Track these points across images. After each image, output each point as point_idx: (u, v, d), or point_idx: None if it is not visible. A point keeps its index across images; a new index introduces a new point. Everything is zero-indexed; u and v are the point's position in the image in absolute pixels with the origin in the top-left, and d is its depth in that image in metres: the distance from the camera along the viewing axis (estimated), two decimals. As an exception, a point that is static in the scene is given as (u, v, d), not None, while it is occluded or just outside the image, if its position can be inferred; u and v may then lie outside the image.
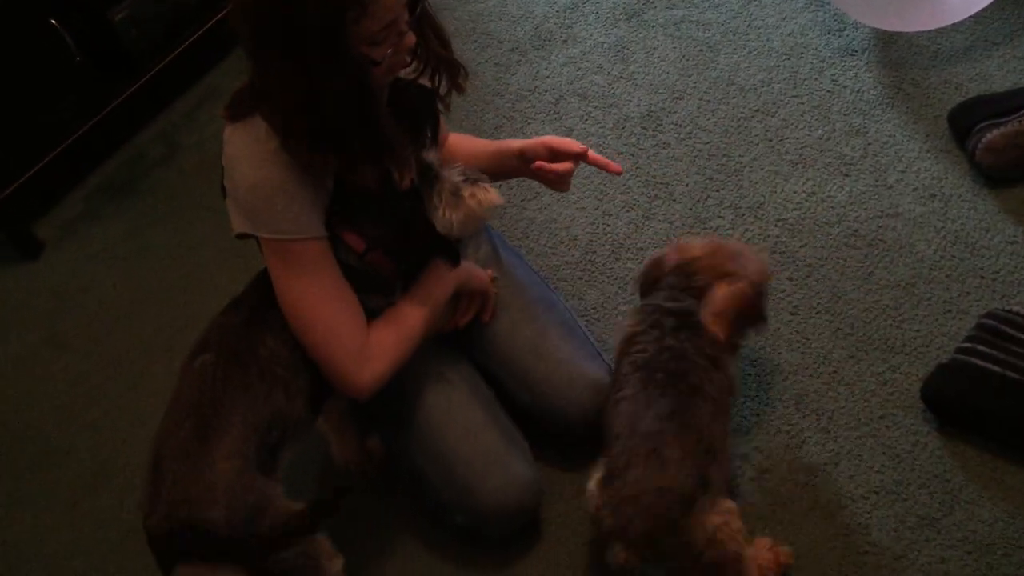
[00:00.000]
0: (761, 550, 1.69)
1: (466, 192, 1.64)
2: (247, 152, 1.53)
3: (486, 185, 1.67)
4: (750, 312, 1.74)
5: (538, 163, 1.81)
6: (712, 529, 1.53)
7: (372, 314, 1.69)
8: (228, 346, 1.60)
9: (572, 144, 1.81)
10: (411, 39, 1.52)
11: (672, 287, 1.74)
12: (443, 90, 1.71)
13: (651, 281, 1.79)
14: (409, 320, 1.71)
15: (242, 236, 1.61)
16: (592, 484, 1.60)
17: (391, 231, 1.65)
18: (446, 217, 1.65)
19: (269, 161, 1.51)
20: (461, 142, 1.95)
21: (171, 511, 1.46)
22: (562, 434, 1.86)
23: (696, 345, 1.66)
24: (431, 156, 1.66)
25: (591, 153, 1.82)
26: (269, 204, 1.54)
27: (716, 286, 1.70)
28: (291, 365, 1.62)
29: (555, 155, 1.83)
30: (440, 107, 1.75)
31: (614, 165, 1.82)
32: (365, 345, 1.64)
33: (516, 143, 1.87)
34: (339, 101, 1.45)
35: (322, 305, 1.60)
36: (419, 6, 1.53)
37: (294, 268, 1.59)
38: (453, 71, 1.69)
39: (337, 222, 1.62)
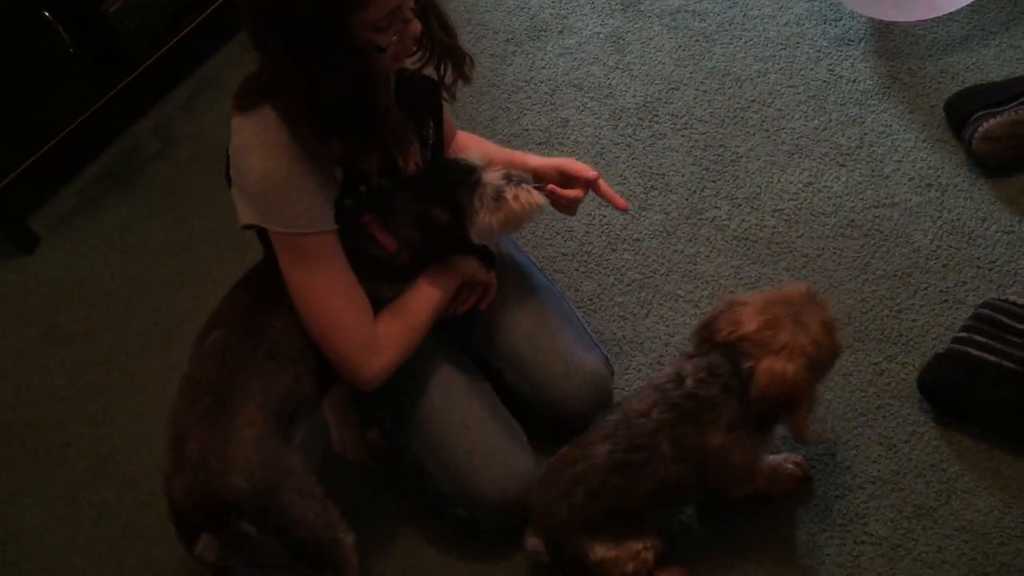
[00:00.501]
0: None
1: (509, 194, 1.64)
2: (256, 143, 1.53)
3: (528, 187, 1.68)
4: (792, 399, 1.54)
5: (551, 186, 1.79)
6: (597, 559, 1.65)
7: (385, 302, 1.71)
8: (239, 325, 1.62)
9: (585, 170, 1.81)
10: (416, 26, 1.51)
11: (714, 370, 1.58)
12: (448, 79, 1.70)
13: (704, 343, 1.63)
14: (416, 312, 1.72)
15: (248, 227, 1.60)
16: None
17: (423, 236, 1.66)
18: (486, 221, 1.66)
19: (279, 153, 1.51)
20: (472, 143, 1.93)
21: (196, 478, 1.48)
22: (560, 425, 1.86)
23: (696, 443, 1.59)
24: (474, 158, 1.67)
25: (602, 183, 1.82)
26: (278, 197, 1.54)
27: (761, 363, 1.52)
28: (298, 347, 1.63)
29: (567, 180, 1.82)
30: (445, 96, 1.74)
31: (621, 201, 1.82)
32: (372, 337, 1.66)
33: (531, 160, 1.86)
34: (341, 87, 1.45)
35: (330, 298, 1.61)
36: None
37: (303, 261, 1.59)
38: (458, 60, 1.69)
39: (369, 220, 1.64)
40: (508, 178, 1.67)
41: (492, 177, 1.67)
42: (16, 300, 2.54)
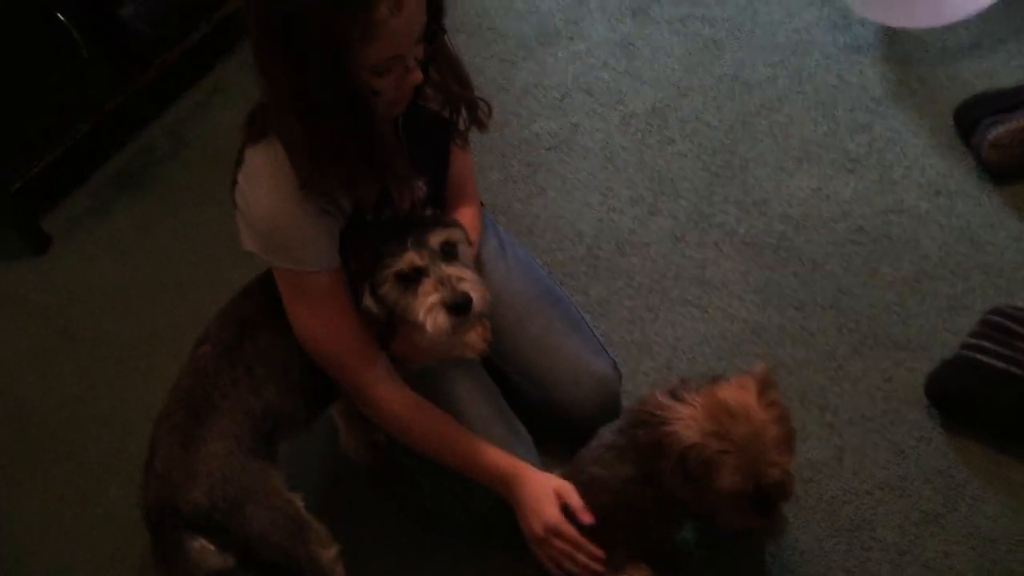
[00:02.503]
0: None
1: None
2: (264, 179, 1.53)
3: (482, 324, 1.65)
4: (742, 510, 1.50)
5: None
6: None
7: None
8: (224, 339, 1.63)
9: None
10: (417, 76, 1.48)
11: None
12: (463, 126, 1.69)
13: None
14: (455, 444, 1.68)
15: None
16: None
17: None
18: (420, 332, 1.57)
19: (286, 193, 1.51)
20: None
21: (159, 490, 1.50)
22: (568, 428, 1.87)
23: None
24: (433, 244, 1.57)
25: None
26: (283, 236, 1.54)
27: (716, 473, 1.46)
28: (282, 364, 1.63)
29: None
30: (458, 142, 1.73)
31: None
32: (372, 372, 1.65)
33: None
34: (337, 122, 1.44)
35: (329, 335, 1.62)
36: (435, 43, 1.50)
37: (303, 297, 1.60)
38: (472, 109, 1.67)
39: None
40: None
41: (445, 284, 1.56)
42: (28, 300, 2.55)
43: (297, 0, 1.34)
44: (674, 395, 1.54)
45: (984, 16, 2.42)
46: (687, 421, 1.47)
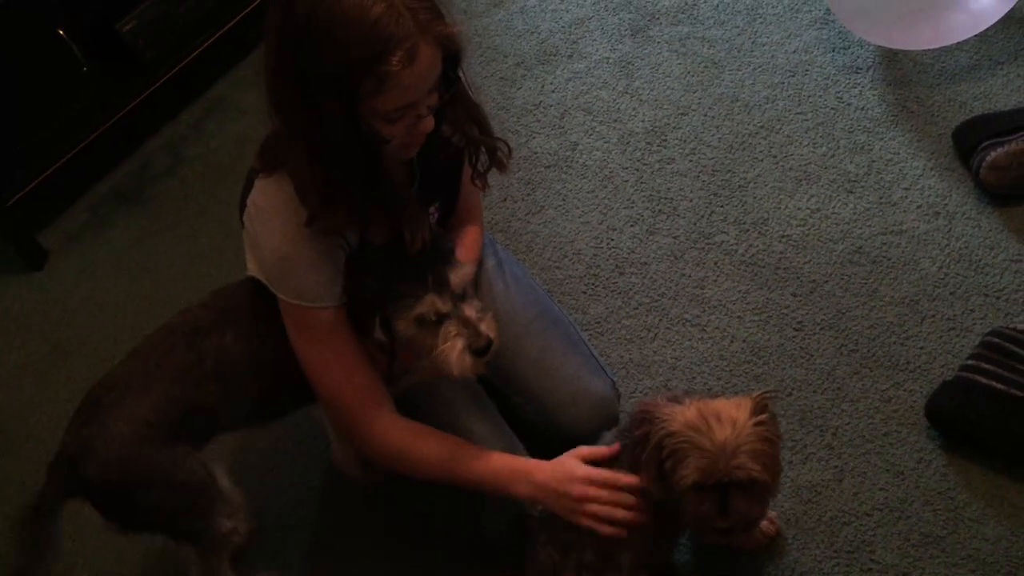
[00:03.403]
0: None
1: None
2: (276, 212, 1.53)
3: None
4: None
5: None
6: None
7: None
8: (189, 326, 1.65)
9: None
10: (429, 123, 1.48)
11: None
12: (482, 167, 1.69)
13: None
14: (439, 452, 1.66)
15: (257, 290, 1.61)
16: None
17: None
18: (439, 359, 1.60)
19: (295, 230, 1.51)
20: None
21: (62, 456, 1.59)
22: (568, 449, 1.86)
23: None
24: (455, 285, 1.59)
25: None
26: (289, 270, 1.55)
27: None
28: (237, 365, 1.65)
29: None
30: (477, 183, 1.72)
31: None
32: (373, 411, 1.64)
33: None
34: (347, 162, 1.44)
35: (331, 370, 1.62)
36: (451, 90, 1.50)
37: (307, 331, 1.60)
38: (492, 152, 1.67)
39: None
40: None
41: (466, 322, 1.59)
42: (24, 314, 2.55)
43: (311, 50, 1.35)
44: (674, 399, 1.55)
45: (982, 38, 2.43)
46: (675, 415, 1.49)
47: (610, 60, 2.68)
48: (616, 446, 1.62)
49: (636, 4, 2.79)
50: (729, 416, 1.47)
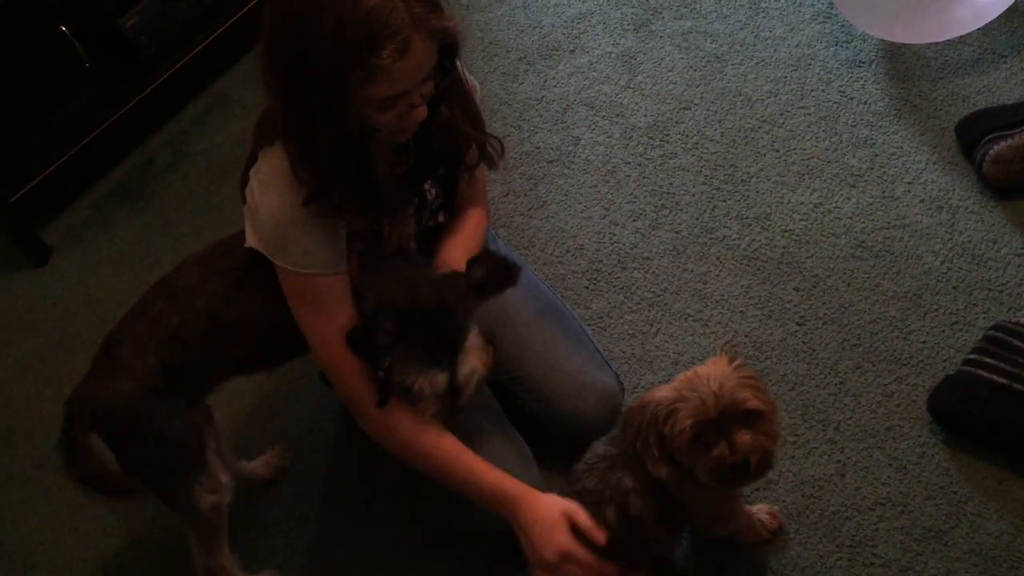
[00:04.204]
0: None
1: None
2: (274, 180, 1.53)
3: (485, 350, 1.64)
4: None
5: None
6: None
7: None
8: (181, 284, 1.71)
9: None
10: (421, 112, 1.49)
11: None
12: (472, 161, 1.68)
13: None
14: (439, 451, 1.66)
15: (252, 251, 1.61)
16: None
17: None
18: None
19: (293, 196, 1.51)
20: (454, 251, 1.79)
21: (80, 391, 1.67)
22: (570, 442, 1.86)
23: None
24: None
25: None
26: (287, 237, 1.55)
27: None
28: (225, 328, 1.67)
29: None
30: (464, 175, 1.72)
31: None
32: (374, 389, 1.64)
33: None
34: (332, 149, 1.44)
35: (330, 341, 1.61)
36: (446, 80, 1.50)
37: (308, 300, 1.60)
38: (482, 147, 1.67)
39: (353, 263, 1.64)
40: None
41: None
42: (28, 311, 2.55)
43: (304, 39, 1.35)
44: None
45: (985, 32, 2.43)
46: (660, 389, 1.51)
47: (612, 55, 2.68)
48: (604, 537, 1.56)
49: (638, -2, 2.79)
50: (707, 370, 1.48)
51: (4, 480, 2.23)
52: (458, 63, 1.52)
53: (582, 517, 1.56)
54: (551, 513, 1.57)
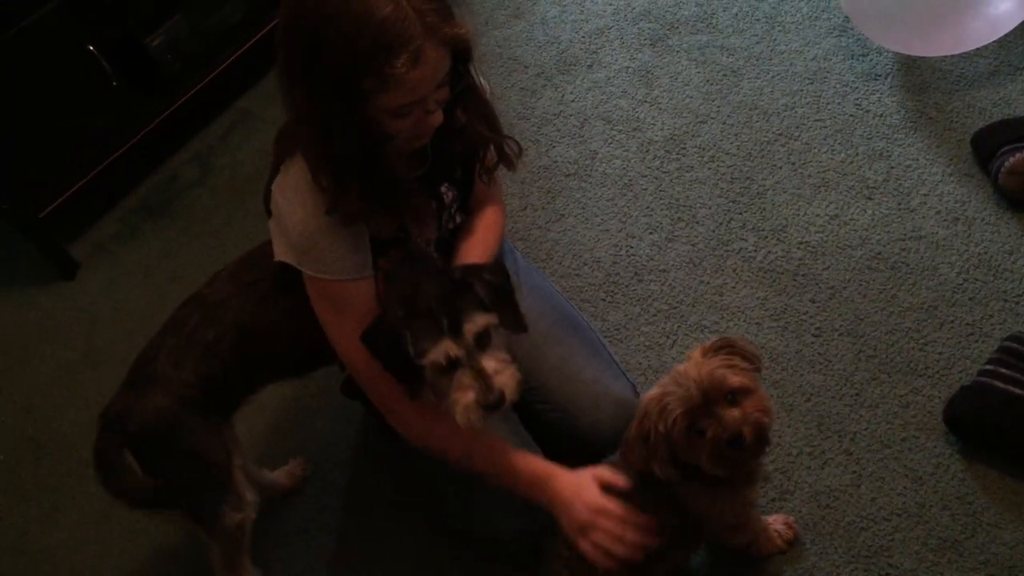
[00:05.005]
0: None
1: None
2: (297, 190, 1.56)
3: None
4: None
5: None
6: None
7: None
8: (212, 299, 1.73)
9: None
10: (437, 118, 1.50)
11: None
12: (490, 164, 1.70)
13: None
14: (464, 441, 1.66)
15: (282, 263, 1.64)
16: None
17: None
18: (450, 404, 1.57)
19: (316, 203, 1.54)
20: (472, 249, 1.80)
21: (115, 406, 1.70)
22: (588, 452, 1.87)
23: None
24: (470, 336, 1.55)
25: None
26: (313, 244, 1.57)
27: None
28: (258, 341, 1.70)
29: None
30: (483, 178, 1.74)
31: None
32: (399, 391, 1.65)
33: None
34: (350, 156, 1.47)
35: (357, 346, 1.62)
36: (461, 86, 1.52)
37: (334, 306, 1.63)
38: (500, 149, 1.69)
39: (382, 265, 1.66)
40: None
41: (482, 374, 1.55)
42: (55, 323, 2.60)
43: (318, 50, 1.37)
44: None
45: (1001, 44, 2.43)
46: (649, 393, 1.54)
47: (630, 69, 2.71)
48: (627, 483, 1.59)
49: (656, 14, 2.82)
50: (685, 364, 1.53)
51: (31, 490, 2.27)
52: (471, 67, 1.54)
53: (608, 474, 1.60)
54: (581, 477, 1.61)
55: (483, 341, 1.56)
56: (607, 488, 1.59)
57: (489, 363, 1.55)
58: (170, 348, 1.70)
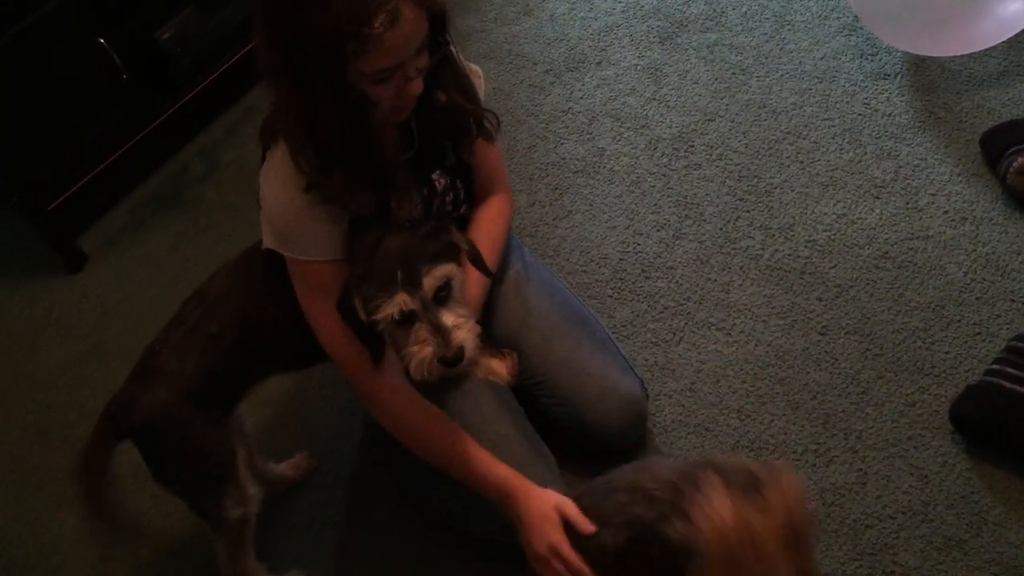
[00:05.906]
0: None
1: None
2: (276, 173, 1.59)
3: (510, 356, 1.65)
4: None
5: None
6: None
7: None
8: (213, 295, 1.74)
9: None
10: (417, 86, 1.51)
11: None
12: (470, 136, 1.72)
13: None
14: (438, 435, 1.70)
15: (271, 251, 1.66)
16: None
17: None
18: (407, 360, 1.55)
19: (293, 184, 1.56)
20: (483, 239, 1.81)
21: (107, 408, 1.71)
22: (596, 447, 1.88)
23: None
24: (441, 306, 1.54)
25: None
26: (291, 225, 1.60)
27: None
28: (257, 334, 1.71)
29: None
30: (464, 149, 1.75)
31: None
32: (377, 375, 1.67)
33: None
34: (335, 125, 1.48)
35: (335, 328, 1.64)
36: (439, 54, 1.53)
37: (312, 288, 1.65)
38: (479, 121, 1.70)
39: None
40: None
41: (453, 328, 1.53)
42: (64, 316, 2.61)
43: (297, 14, 1.39)
44: (689, 478, 1.39)
45: (1011, 44, 2.43)
46: (703, 534, 1.32)
47: (638, 67, 2.71)
48: (592, 528, 1.54)
49: (665, 12, 2.82)
50: (760, 541, 1.31)
51: (39, 483, 2.28)
52: (448, 38, 1.54)
53: (572, 510, 1.58)
54: (545, 507, 1.60)
55: (443, 295, 1.55)
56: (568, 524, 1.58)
57: (448, 317, 1.53)
58: (173, 342, 1.71)
